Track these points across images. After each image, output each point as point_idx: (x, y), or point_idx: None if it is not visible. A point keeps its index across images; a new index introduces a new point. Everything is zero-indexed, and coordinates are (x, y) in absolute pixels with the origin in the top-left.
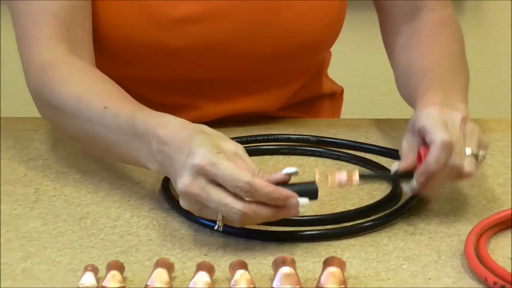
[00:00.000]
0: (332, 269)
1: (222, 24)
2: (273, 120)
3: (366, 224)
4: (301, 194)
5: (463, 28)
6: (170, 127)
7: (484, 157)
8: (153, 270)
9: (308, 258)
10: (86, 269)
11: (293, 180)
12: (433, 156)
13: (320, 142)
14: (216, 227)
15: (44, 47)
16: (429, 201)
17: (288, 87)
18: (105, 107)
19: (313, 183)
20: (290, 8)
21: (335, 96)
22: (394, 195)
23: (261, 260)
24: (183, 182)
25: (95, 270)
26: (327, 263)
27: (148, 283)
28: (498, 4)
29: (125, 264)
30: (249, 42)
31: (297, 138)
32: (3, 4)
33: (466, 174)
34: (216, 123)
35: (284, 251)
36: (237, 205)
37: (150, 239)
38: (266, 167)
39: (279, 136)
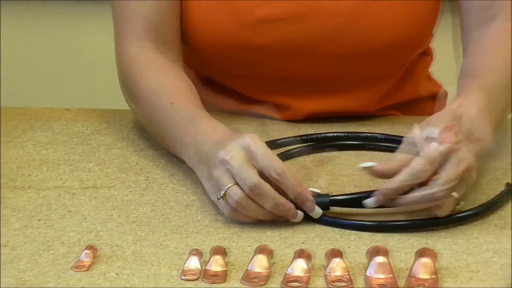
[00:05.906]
0: (424, 260)
1: (302, 25)
2: (369, 118)
3: (456, 216)
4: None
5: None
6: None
7: (462, 206)
8: (253, 256)
9: (400, 248)
10: (191, 253)
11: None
12: (402, 176)
13: (388, 140)
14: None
15: (133, 43)
16: None
17: (378, 87)
18: (171, 103)
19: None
20: (369, 10)
21: (438, 98)
22: None
23: (355, 250)
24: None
25: (199, 254)
26: (419, 254)
27: (248, 268)
28: None
29: (227, 250)
30: (330, 42)
31: (365, 136)
32: (3, 4)
33: (438, 212)
34: (310, 120)
35: (378, 241)
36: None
37: (251, 227)
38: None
39: (350, 134)
